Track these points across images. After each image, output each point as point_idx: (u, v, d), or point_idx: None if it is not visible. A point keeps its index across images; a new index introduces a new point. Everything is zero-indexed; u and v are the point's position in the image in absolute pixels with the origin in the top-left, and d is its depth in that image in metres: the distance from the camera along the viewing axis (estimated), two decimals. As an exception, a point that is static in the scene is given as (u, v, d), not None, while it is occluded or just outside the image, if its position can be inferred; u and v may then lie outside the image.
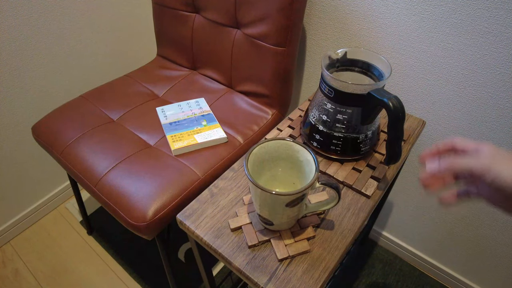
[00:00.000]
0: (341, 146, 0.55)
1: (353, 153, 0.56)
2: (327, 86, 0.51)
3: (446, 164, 0.35)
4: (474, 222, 0.89)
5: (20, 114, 1.05)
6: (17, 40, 0.96)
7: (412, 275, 1.10)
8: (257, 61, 0.86)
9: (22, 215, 1.20)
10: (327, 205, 0.48)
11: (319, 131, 0.55)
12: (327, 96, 0.52)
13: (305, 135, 0.60)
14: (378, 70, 0.53)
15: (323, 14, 0.84)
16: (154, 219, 0.67)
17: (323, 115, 0.54)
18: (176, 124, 0.84)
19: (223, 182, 0.57)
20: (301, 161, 0.46)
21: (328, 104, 0.52)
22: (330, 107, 0.52)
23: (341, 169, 0.57)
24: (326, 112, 0.53)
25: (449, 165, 0.35)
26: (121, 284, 1.08)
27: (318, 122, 0.55)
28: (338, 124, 0.53)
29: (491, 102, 0.70)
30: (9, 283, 1.09)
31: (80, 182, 0.78)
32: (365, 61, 0.54)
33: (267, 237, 0.48)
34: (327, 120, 0.54)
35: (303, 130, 0.60)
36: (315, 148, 0.58)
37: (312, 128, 0.57)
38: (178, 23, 0.98)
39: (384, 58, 0.53)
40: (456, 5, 0.64)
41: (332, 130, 0.54)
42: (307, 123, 0.58)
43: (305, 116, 0.60)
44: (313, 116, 0.56)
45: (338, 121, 0.53)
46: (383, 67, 0.52)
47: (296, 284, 0.44)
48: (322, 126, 0.55)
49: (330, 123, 0.54)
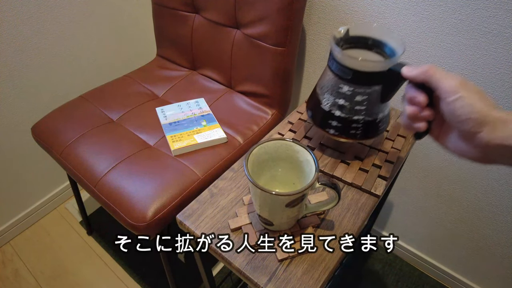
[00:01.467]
0: (361, 128, 0.51)
1: (373, 134, 0.53)
2: (342, 67, 0.46)
3: (423, 70, 0.37)
4: (474, 222, 0.89)
5: (20, 114, 1.05)
6: (17, 40, 0.96)
7: (412, 275, 1.10)
8: (257, 61, 0.86)
9: (22, 215, 1.19)
10: (327, 206, 0.47)
11: (336, 117, 0.51)
12: (343, 78, 0.47)
13: (318, 124, 0.54)
14: (388, 46, 0.48)
15: (323, 14, 0.84)
16: (154, 219, 0.67)
17: (339, 99, 0.49)
18: (176, 124, 0.84)
19: (223, 182, 0.57)
20: (301, 161, 0.46)
21: (344, 86, 0.48)
22: (347, 90, 0.48)
23: (348, 171, 0.57)
24: (343, 95, 0.49)
25: (424, 72, 0.37)
26: (121, 284, 1.08)
27: (334, 108, 0.51)
28: (358, 107, 0.49)
29: (491, 102, 0.70)
30: (9, 284, 1.09)
31: (80, 182, 0.78)
32: (373, 37, 0.50)
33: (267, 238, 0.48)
34: (345, 104, 0.49)
35: (313, 119, 0.55)
36: (332, 135, 0.53)
37: (326, 116, 0.52)
38: (177, 23, 0.98)
39: (394, 32, 0.50)
40: (456, 5, 0.64)
41: (351, 113, 0.50)
42: (319, 111, 0.53)
43: (312, 104, 0.55)
44: (327, 102, 0.51)
45: (358, 103, 0.49)
46: (393, 43, 0.48)
47: (296, 284, 0.44)
48: (339, 111, 0.50)
49: (348, 107, 0.50)
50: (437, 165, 0.86)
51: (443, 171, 0.86)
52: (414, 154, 0.89)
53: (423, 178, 0.91)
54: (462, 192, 0.86)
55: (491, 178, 0.79)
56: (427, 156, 0.87)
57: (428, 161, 0.87)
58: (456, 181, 0.86)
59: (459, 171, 0.83)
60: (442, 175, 0.87)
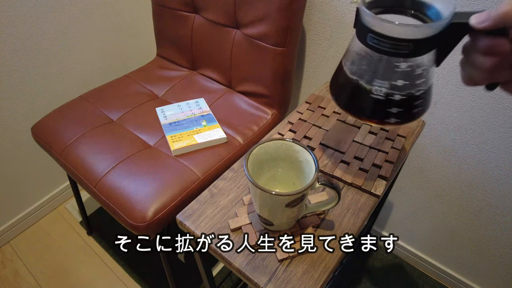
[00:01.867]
0: (422, 103, 0.43)
1: (428, 103, 0.44)
2: (397, 42, 0.37)
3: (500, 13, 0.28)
4: (474, 222, 0.89)
5: (20, 114, 1.05)
6: (17, 40, 0.96)
7: (412, 275, 1.10)
8: (257, 61, 0.86)
9: (21, 215, 1.19)
10: (327, 206, 0.47)
11: (396, 102, 0.41)
12: (400, 54, 0.38)
13: (370, 117, 0.44)
14: (430, 7, 0.39)
15: (323, 14, 0.84)
16: (154, 219, 0.67)
17: (397, 80, 0.40)
18: (175, 124, 0.84)
19: (223, 183, 0.57)
20: (301, 161, 0.46)
21: (403, 64, 0.39)
22: (407, 66, 0.39)
23: (348, 171, 0.57)
24: (401, 74, 0.40)
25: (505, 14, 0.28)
26: (120, 284, 1.08)
27: (394, 91, 0.41)
28: (418, 80, 0.41)
29: (491, 102, 0.70)
30: (9, 284, 1.09)
31: (79, 183, 0.78)
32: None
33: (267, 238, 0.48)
34: (406, 83, 0.40)
35: (359, 114, 0.44)
36: (394, 124, 0.43)
37: (382, 105, 0.42)
38: (177, 23, 0.98)
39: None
40: (456, 5, 0.64)
41: (412, 90, 0.41)
42: (368, 102, 0.42)
43: (351, 98, 0.44)
44: (380, 90, 0.41)
45: (419, 77, 0.41)
46: (440, 4, 0.38)
47: (296, 284, 0.44)
48: (399, 95, 0.41)
49: (409, 85, 0.41)
50: (437, 165, 0.86)
51: (443, 171, 0.86)
52: (414, 154, 0.89)
53: (423, 178, 0.91)
54: (462, 192, 0.86)
55: (491, 178, 0.79)
56: (427, 156, 0.87)
57: (428, 161, 0.87)
58: (456, 181, 0.86)
59: (459, 171, 0.83)
60: (442, 175, 0.87)
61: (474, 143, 0.77)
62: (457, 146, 0.80)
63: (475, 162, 0.80)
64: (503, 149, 0.74)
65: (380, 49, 0.38)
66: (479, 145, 0.77)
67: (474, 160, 0.79)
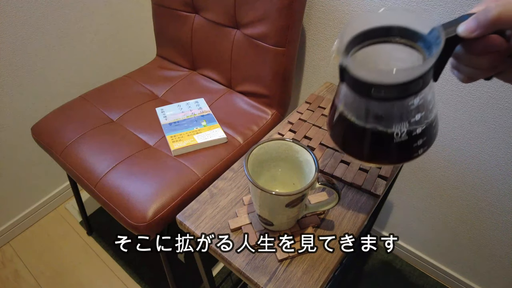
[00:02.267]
0: (436, 118, 0.40)
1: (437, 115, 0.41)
2: (410, 85, 0.34)
3: (490, 20, 0.27)
4: (474, 222, 0.89)
5: (20, 115, 1.05)
6: (17, 40, 0.96)
7: (412, 275, 1.10)
8: (257, 61, 0.86)
9: (21, 215, 1.19)
10: (327, 206, 0.48)
11: (420, 135, 0.39)
12: (413, 93, 0.35)
13: (398, 160, 0.41)
14: (414, 32, 0.35)
15: (323, 14, 0.84)
16: (154, 219, 0.67)
17: (414, 116, 0.37)
18: (175, 124, 0.84)
19: (222, 183, 0.57)
20: (301, 161, 0.46)
21: (415, 100, 0.36)
22: (419, 101, 0.36)
23: (348, 171, 0.57)
24: (417, 109, 0.37)
25: (494, 21, 0.27)
26: (120, 284, 1.08)
27: (413, 128, 0.38)
28: (430, 105, 0.38)
29: (490, 102, 0.70)
30: (9, 284, 1.09)
31: (79, 183, 0.78)
32: (396, 26, 0.36)
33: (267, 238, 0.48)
34: (421, 115, 0.38)
35: (384, 160, 0.41)
36: (422, 154, 0.40)
37: (407, 145, 0.39)
38: (177, 23, 0.98)
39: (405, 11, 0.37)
40: (455, 5, 0.64)
41: (428, 117, 0.39)
42: (393, 147, 0.39)
43: (371, 147, 0.40)
44: (401, 132, 0.38)
45: (430, 102, 0.38)
46: (419, 25, 0.35)
47: (296, 284, 0.44)
48: (420, 127, 0.38)
49: (425, 115, 0.38)
50: (437, 165, 0.86)
51: (443, 171, 0.86)
52: (414, 154, 0.89)
53: (423, 178, 0.91)
54: (462, 192, 0.86)
55: (491, 178, 0.79)
56: (427, 156, 0.87)
57: (428, 161, 0.87)
58: (456, 181, 0.86)
59: (459, 171, 0.83)
60: (442, 175, 0.87)
61: (474, 143, 0.77)
62: (457, 145, 0.80)
63: (475, 162, 0.80)
64: (503, 149, 0.74)
65: (390, 98, 0.35)
66: (479, 145, 0.77)
67: (474, 160, 0.79)
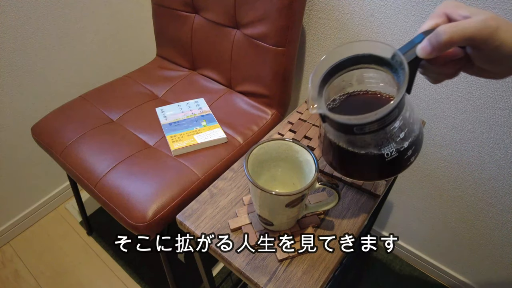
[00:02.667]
0: (420, 127, 0.43)
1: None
2: (388, 116, 0.36)
3: (445, 35, 0.30)
4: (474, 222, 0.89)
5: (20, 115, 1.05)
6: (17, 40, 0.96)
7: (412, 275, 1.10)
8: (257, 61, 0.86)
9: (21, 215, 1.19)
10: (327, 205, 0.47)
11: (407, 148, 0.41)
12: (393, 120, 0.37)
13: (392, 173, 0.43)
14: (379, 58, 0.38)
15: (323, 14, 0.84)
16: (154, 219, 0.67)
17: (399, 135, 0.39)
18: (175, 124, 0.84)
19: (222, 183, 0.57)
20: (301, 161, 0.46)
21: (397, 123, 0.38)
22: (400, 121, 0.38)
23: None
24: (400, 128, 0.39)
25: (448, 37, 0.29)
26: (120, 284, 1.08)
27: (400, 145, 0.40)
28: (411, 119, 0.40)
29: (490, 102, 0.70)
30: (9, 284, 1.09)
31: (79, 183, 0.78)
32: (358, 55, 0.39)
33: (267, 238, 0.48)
34: (406, 129, 0.40)
35: (379, 176, 0.44)
36: (413, 161, 0.43)
37: (400, 157, 0.41)
38: (177, 23, 0.98)
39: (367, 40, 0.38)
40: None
41: (413, 130, 0.41)
42: (385, 165, 0.41)
43: (363, 169, 0.43)
44: (390, 151, 0.40)
45: (410, 117, 0.40)
46: (382, 52, 0.37)
47: (296, 284, 0.44)
48: (406, 142, 0.40)
49: (409, 130, 0.40)
50: (437, 165, 0.86)
51: (443, 171, 0.86)
52: (414, 154, 0.89)
53: (423, 178, 0.91)
54: (462, 192, 0.86)
55: (491, 177, 0.79)
56: (427, 156, 0.87)
57: (428, 161, 0.87)
58: (456, 181, 0.86)
59: (459, 171, 0.83)
60: (442, 175, 0.87)
61: (474, 143, 0.77)
62: (457, 145, 0.80)
63: (475, 162, 0.80)
64: (503, 149, 0.74)
65: (372, 131, 0.37)
66: (479, 144, 0.77)
67: (474, 159, 0.80)
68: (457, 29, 0.29)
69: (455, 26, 0.30)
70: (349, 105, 0.42)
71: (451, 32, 0.29)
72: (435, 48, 0.31)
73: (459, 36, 0.29)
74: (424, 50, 0.32)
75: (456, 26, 0.30)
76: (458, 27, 0.29)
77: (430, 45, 0.31)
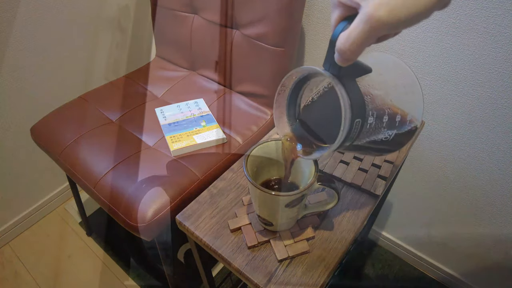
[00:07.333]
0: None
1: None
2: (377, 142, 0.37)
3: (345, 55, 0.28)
4: (474, 222, 0.89)
5: (19, 115, 1.05)
6: (17, 40, 0.96)
7: (412, 275, 1.10)
8: (256, 61, 0.86)
9: (21, 216, 1.19)
10: (326, 206, 0.47)
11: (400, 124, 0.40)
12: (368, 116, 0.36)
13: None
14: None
15: (322, 15, 0.84)
16: (153, 220, 0.67)
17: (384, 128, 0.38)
18: (175, 125, 0.84)
19: (222, 183, 0.57)
20: (300, 161, 0.46)
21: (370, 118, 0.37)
22: (376, 117, 0.37)
23: (348, 171, 0.57)
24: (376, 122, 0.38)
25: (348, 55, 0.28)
26: (120, 285, 1.08)
27: (390, 131, 0.40)
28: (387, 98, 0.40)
29: (489, 102, 0.70)
30: (8, 285, 1.08)
31: (79, 183, 0.78)
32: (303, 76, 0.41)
33: (267, 238, 0.48)
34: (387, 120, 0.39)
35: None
36: (413, 135, 0.42)
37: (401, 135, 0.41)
38: (177, 24, 0.98)
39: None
40: (454, 5, 0.64)
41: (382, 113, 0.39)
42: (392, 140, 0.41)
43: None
44: (388, 135, 0.40)
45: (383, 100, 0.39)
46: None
47: (296, 284, 0.44)
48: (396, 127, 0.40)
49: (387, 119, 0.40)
50: (437, 165, 0.86)
51: (443, 171, 0.86)
52: (414, 153, 0.89)
53: (423, 178, 0.91)
54: (462, 192, 0.86)
55: (491, 177, 0.79)
56: (426, 156, 0.87)
57: (428, 161, 0.87)
58: (455, 181, 0.86)
59: (459, 171, 0.83)
60: (442, 175, 0.87)
61: (473, 143, 0.77)
62: (457, 145, 0.80)
63: (474, 162, 0.80)
64: (502, 149, 0.74)
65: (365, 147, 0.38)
66: (479, 144, 0.77)
67: (473, 159, 0.80)
68: (350, 43, 0.27)
69: (346, 39, 0.27)
70: (323, 103, 0.43)
71: (346, 49, 0.28)
72: (346, 62, 0.29)
73: (358, 47, 0.27)
74: (339, 62, 0.30)
75: (347, 38, 0.27)
76: (349, 39, 0.27)
77: (341, 60, 0.29)
